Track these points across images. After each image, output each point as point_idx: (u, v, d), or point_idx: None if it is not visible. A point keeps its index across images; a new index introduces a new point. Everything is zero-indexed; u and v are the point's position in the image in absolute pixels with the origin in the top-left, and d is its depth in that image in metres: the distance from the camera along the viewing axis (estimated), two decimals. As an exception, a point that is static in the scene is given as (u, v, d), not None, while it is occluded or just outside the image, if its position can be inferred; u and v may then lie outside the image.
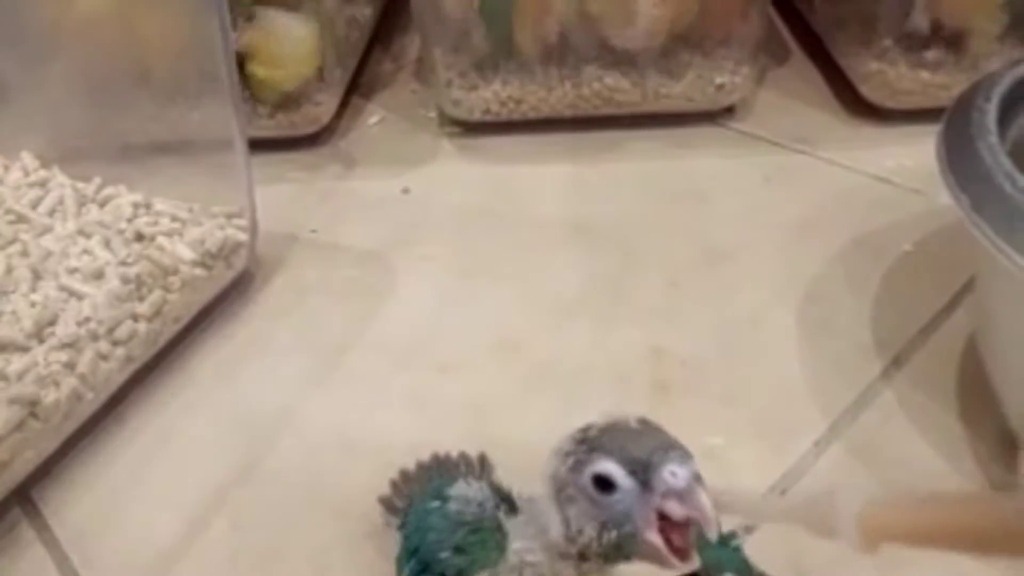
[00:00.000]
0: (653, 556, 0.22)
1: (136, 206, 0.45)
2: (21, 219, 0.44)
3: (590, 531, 0.22)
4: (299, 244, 0.48)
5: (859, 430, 0.36)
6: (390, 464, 0.36)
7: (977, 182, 0.29)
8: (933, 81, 0.50)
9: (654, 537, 0.22)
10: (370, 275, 0.46)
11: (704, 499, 0.21)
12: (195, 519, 0.35)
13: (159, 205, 0.45)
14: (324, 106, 0.55)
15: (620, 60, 0.52)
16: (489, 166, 0.53)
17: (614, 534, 0.22)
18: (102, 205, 0.46)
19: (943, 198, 0.31)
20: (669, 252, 0.45)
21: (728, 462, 0.36)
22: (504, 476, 0.33)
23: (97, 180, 0.47)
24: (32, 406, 0.35)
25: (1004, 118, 0.32)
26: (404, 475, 0.32)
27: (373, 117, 0.58)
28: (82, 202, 0.46)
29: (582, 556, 0.23)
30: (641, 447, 0.22)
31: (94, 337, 0.38)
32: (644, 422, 0.23)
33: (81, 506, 0.36)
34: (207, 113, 0.44)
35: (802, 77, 0.57)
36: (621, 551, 0.22)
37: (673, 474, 0.21)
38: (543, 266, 0.46)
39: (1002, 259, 0.27)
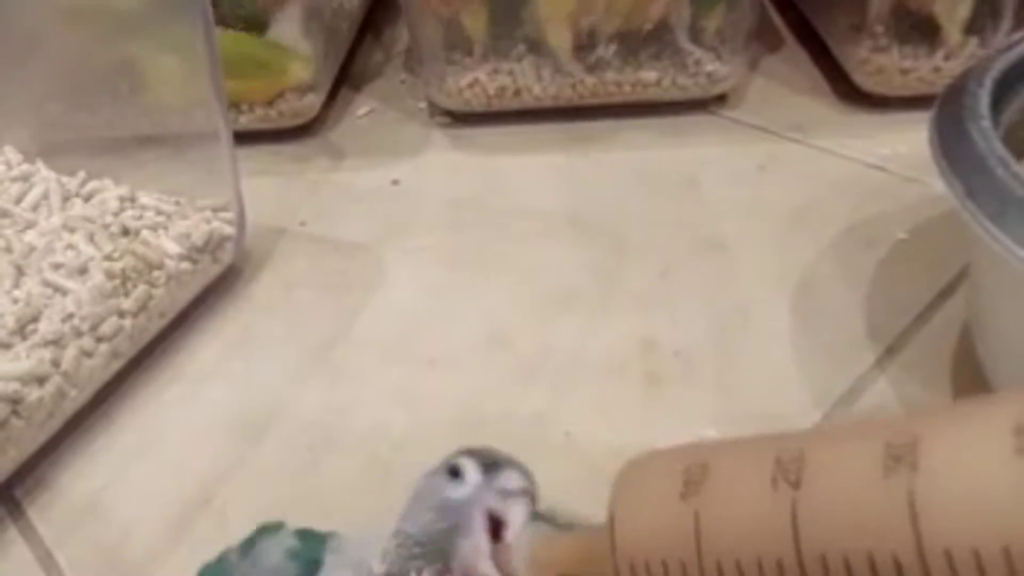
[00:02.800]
0: (463, 560, 0.22)
1: (122, 200, 0.45)
2: (4, 214, 0.44)
3: (420, 528, 0.23)
4: (288, 237, 0.48)
5: (852, 420, 0.36)
6: (379, 459, 0.36)
7: (970, 167, 0.28)
8: (925, 68, 0.49)
9: (475, 522, 0.22)
10: (360, 268, 0.46)
11: (520, 514, 0.22)
12: (182, 516, 0.34)
13: (144, 199, 0.45)
14: (313, 98, 0.54)
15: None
16: (480, 156, 0.53)
17: (442, 526, 0.22)
18: (87, 199, 0.45)
19: (937, 186, 0.30)
20: (661, 242, 0.45)
21: (720, 454, 0.35)
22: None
23: (82, 174, 0.46)
24: (14, 404, 0.34)
25: (997, 102, 0.32)
26: None
27: (362, 108, 0.57)
28: (67, 196, 0.45)
29: None
30: (505, 461, 0.24)
31: (78, 333, 0.37)
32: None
33: (66, 505, 0.35)
34: (191, 105, 0.44)
35: (795, 65, 0.57)
36: (440, 550, 0.22)
37: (511, 481, 0.23)
38: (534, 257, 0.45)
39: (995, 246, 0.27)
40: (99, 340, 0.38)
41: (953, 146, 0.30)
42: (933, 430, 0.16)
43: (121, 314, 0.39)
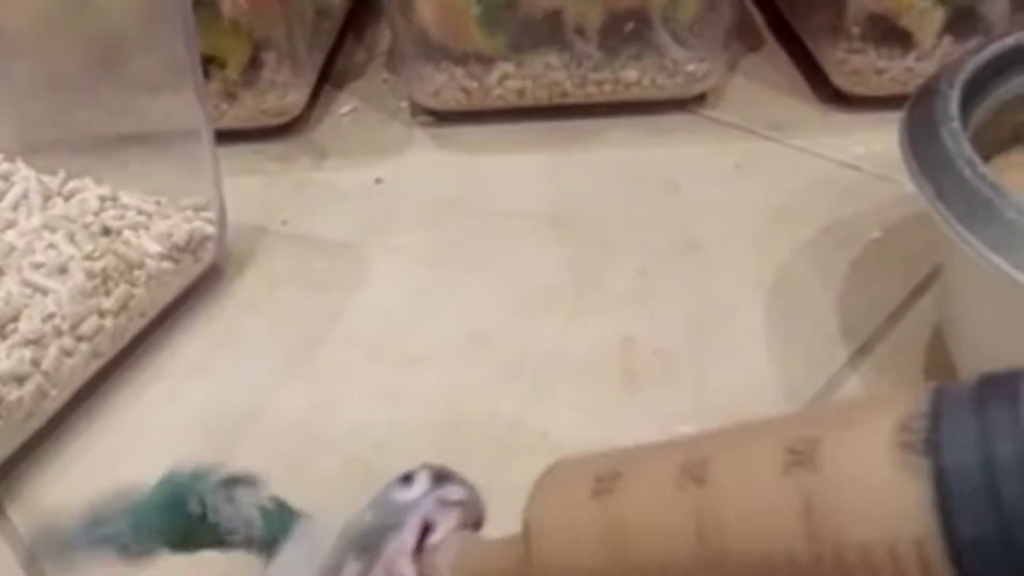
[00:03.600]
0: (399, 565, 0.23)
1: (103, 199, 0.45)
2: (-16, 214, 0.44)
3: (367, 523, 0.23)
4: (270, 236, 0.48)
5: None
6: (360, 458, 0.36)
7: (940, 169, 0.29)
8: (899, 68, 0.50)
9: (410, 526, 0.23)
10: (342, 267, 0.46)
11: (447, 519, 0.23)
12: (163, 515, 0.35)
13: (126, 198, 0.45)
14: (295, 96, 0.54)
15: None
16: (462, 156, 0.53)
17: (385, 523, 0.23)
18: (68, 198, 0.45)
19: (911, 185, 0.31)
20: (640, 241, 0.45)
21: (697, 451, 0.36)
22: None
23: (63, 173, 0.46)
24: (-6, 404, 0.35)
25: (967, 104, 0.32)
26: None
27: (345, 107, 0.57)
28: (48, 195, 0.45)
29: None
30: (457, 475, 0.25)
31: (58, 333, 0.37)
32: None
33: (47, 504, 0.35)
34: (173, 103, 0.44)
35: (774, 64, 0.57)
36: (378, 546, 0.23)
37: (457, 491, 0.24)
38: (515, 256, 0.45)
39: (963, 247, 0.27)
40: (79, 339, 0.38)
41: (923, 148, 0.30)
42: (830, 432, 0.17)
43: (102, 313, 0.39)
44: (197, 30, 0.41)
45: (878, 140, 0.49)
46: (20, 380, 0.36)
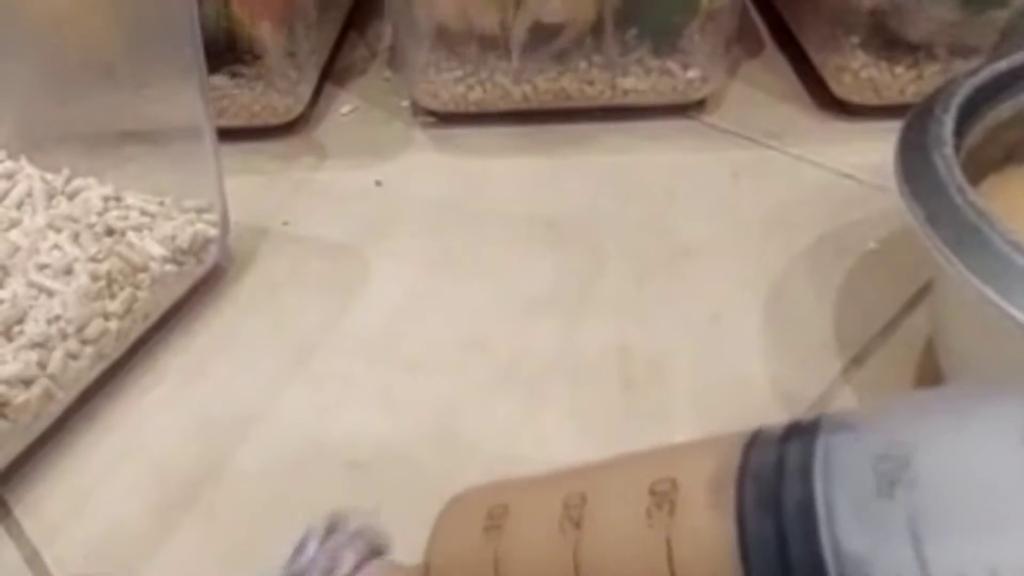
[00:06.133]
0: None
1: (106, 199, 0.45)
2: (-12, 213, 0.44)
3: None
4: (271, 237, 0.48)
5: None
6: (357, 463, 0.37)
7: (931, 194, 0.30)
8: (900, 78, 0.51)
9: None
10: (342, 269, 0.46)
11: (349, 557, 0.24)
12: (166, 517, 0.35)
13: (130, 198, 0.45)
14: (297, 94, 0.54)
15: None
16: (462, 158, 0.53)
17: None
18: (71, 198, 0.45)
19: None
20: (637, 248, 0.46)
21: (690, 460, 0.36)
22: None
23: (66, 171, 0.46)
24: (1, 407, 0.35)
25: (961, 126, 0.33)
26: None
27: (346, 106, 0.58)
28: (51, 194, 0.46)
29: None
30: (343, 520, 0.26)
31: (64, 336, 0.38)
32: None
33: (52, 504, 0.36)
34: (175, 101, 0.44)
35: (774, 70, 0.58)
36: None
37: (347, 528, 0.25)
38: (513, 262, 0.46)
39: (951, 272, 0.28)
40: (85, 342, 0.39)
41: (916, 172, 0.31)
42: (684, 471, 0.18)
43: (107, 316, 0.39)
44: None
45: (876, 150, 0.49)
46: (27, 383, 0.36)
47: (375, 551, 0.25)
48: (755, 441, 0.17)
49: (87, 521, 0.36)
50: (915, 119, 0.33)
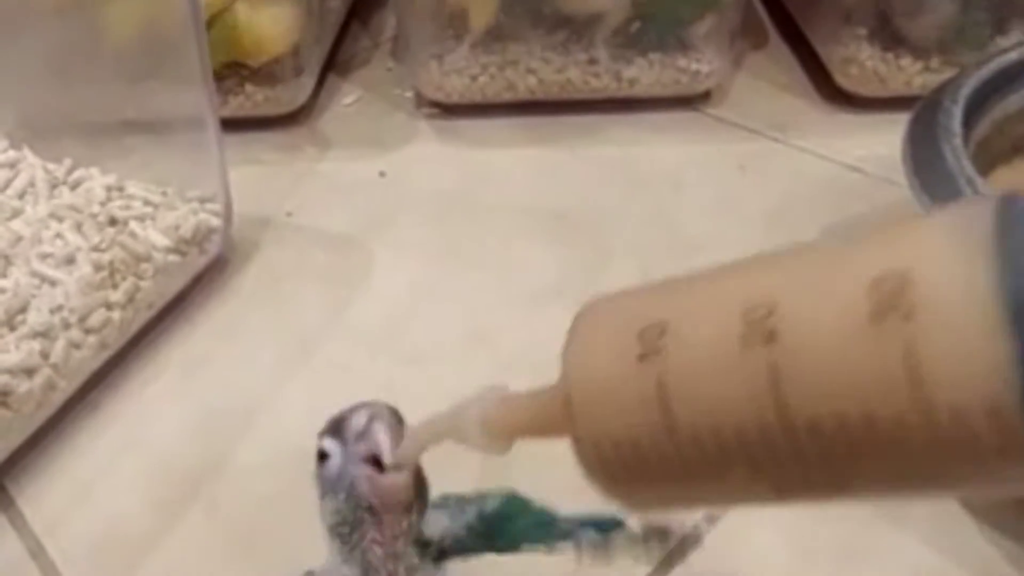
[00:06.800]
0: (374, 490, 0.23)
1: (109, 189, 0.45)
2: (-10, 202, 0.44)
3: (330, 508, 0.23)
4: (274, 228, 0.48)
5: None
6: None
7: (940, 186, 0.29)
8: (905, 71, 0.50)
9: (356, 469, 0.23)
10: (345, 260, 0.46)
11: (379, 431, 0.23)
12: (170, 508, 0.35)
13: (132, 188, 0.45)
14: (301, 84, 0.54)
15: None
16: (466, 149, 0.53)
17: (341, 497, 0.23)
18: (74, 188, 0.45)
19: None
20: (643, 241, 0.46)
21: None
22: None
23: (68, 161, 0.46)
24: (4, 396, 0.35)
25: (970, 117, 0.32)
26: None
27: (349, 96, 0.58)
28: (54, 184, 0.45)
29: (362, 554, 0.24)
30: (343, 411, 0.24)
31: (67, 325, 0.38)
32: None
33: (55, 495, 0.36)
34: (178, 91, 0.44)
35: (779, 62, 0.57)
36: (351, 508, 0.23)
37: (358, 420, 0.23)
38: (517, 253, 0.46)
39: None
40: (88, 332, 0.38)
41: (925, 163, 0.30)
42: (792, 295, 0.15)
43: (109, 306, 0.39)
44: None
45: (882, 142, 0.49)
46: (30, 373, 0.36)
47: (397, 416, 0.24)
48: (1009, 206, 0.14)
49: (90, 512, 0.35)
50: (923, 111, 0.33)
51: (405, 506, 0.23)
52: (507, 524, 0.26)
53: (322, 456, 0.24)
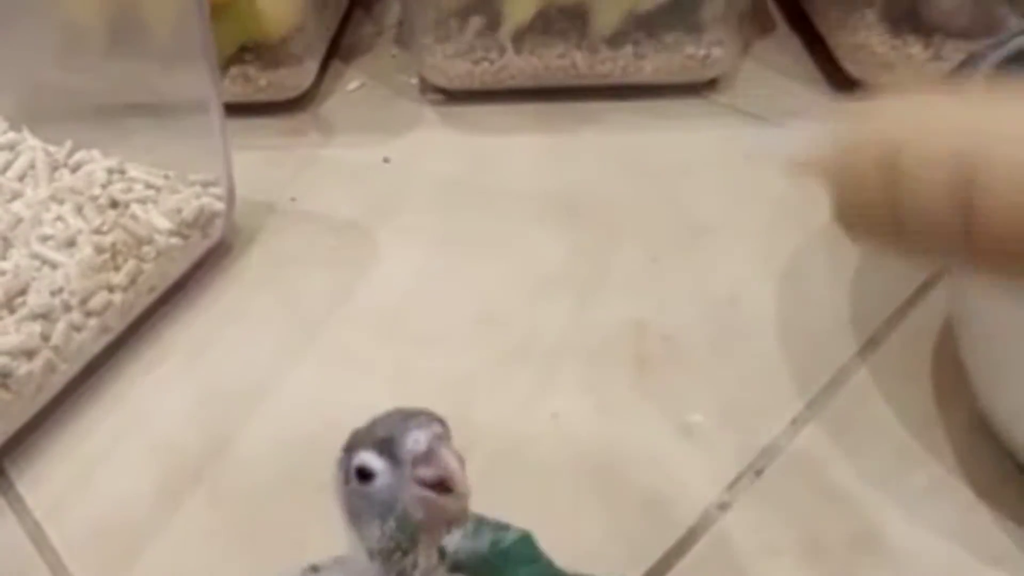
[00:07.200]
0: (431, 513, 0.21)
1: (110, 172, 0.44)
2: (-10, 184, 0.43)
3: (376, 532, 0.22)
4: (277, 213, 0.48)
5: (835, 409, 0.37)
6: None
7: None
8: (916, 58, 0.50)
9: (416, 491, 0.21)
10: (349, 246, 0.46)
11: (447, 455, 0.21)
12: (171, 493, 0.35)
13: (133, 171, 0.44)
14: (304, 70, 0.54)
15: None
16: (471, 135, 0.53)
17: (392, 522, 0.22)
18: (75, 170, 0.45)
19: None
20: (650, 227, 0.45)
21: (706, 439, 0.36)
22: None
23: (69, 144, 0.46)
24: (4, 378, 0.34)
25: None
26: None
27: (353, 82, 0.57)
28: (54, 166, 0.45)
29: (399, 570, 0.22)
30: (385, 425, 0.22)
31: (67, 308, 0.37)
32: (398, 408, 0.23)
33: (55, 479, 0.35)
34: (182, 75, 0.43)
35: (786, 50, 0.57)
36: (405, 534, 0.22)
37: (416, 441, 0.21)
38: (524, 239, 0.45)
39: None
40: (89, 315, 0.38)
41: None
42: None
43: (111, 288, 0.39)
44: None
45: (890, 130, 0.49)
46: (29, 354, 0.36)
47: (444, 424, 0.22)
48: None
49: (91, 496, 0.35)
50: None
51: (453, 524, 0.22)
52: (514, 565, 0.25)
53: (364, 475, 0.22)
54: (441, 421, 0.22)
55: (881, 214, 0.22)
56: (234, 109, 0.46)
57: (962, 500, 0.33)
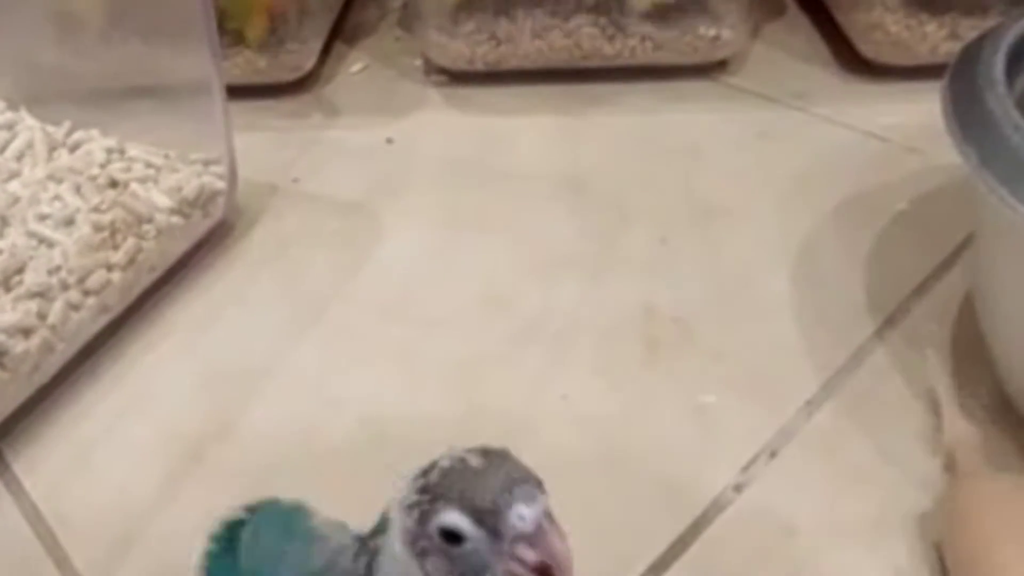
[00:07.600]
0: None
1: (109, 151, 0.44)
2: (-13, 163, 0.42)
3: (443, 572, 0.20)
4: (280, 193, 0.47)
5: (851, 389, 0.36)
6: (371, 420, 0.36)
7: (985, 135, 0.28)
8: (930, 37, 0.49)
9: (515, 568, 0.20)
10: (353, 227, 0.45)
11: (555, 541, 0.20)
12: (171, 474, 0.34)
13: (133, 151, 0.44)
14: (306, 51, 0.53)
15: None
16: (476, 117, 0.52)
17: None
18: (73, 150, 0.44)
19: (938, 156, 0.30)
20: (661, 208, 0.44)
21: (719, 421, 0.35)
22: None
23: (67, 123, 0.45)
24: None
25: (1010, 70, 0.31)
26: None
27: (356, 64, 0.56)
28: (52, 146, 0.44)
29: None
30: (485, 490, 0.20)
31: (65, 286, 0.37)
32: (487, 454, 0.21)
33: (53, 460, 0.35)
34: (183, 55, 0.42)
35: (797, 31, 0.56)
36: None
37: (521, 518, 0.20)
38: (531, 220, 0.44)
39: (1009, 213, 0.26)
40: (87, 293, 0.37)
41: (967, 113, 0.29)
42: None
43: (109, 267, 0.38)
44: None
45: (904, 111, 0.48)
46: (26, 333, 0.35)
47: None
48: None
49: (90, 479, 0.34)
50: (962, 61, 0.31)
51: None
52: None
53: (451, 536, 0.20)
54: (542, 487, 0.20)
55: None
56: (238, 91, 0.45)
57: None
